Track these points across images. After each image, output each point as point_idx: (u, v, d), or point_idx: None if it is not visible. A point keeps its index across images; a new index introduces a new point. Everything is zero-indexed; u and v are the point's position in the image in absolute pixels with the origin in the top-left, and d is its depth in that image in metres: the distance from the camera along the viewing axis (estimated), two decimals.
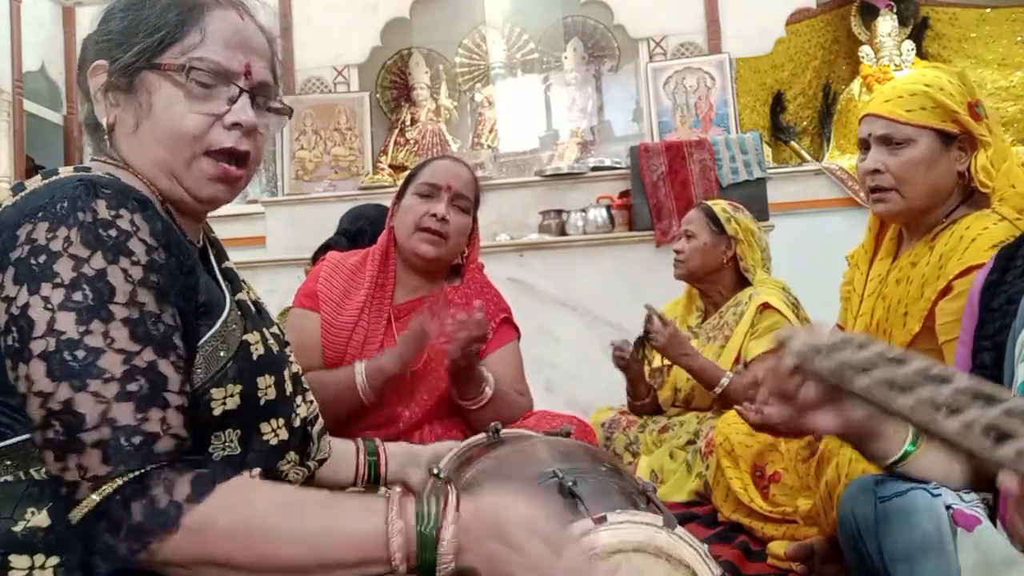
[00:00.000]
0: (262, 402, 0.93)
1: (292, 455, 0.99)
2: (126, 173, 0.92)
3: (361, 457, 1.29)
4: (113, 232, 0.82)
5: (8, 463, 0.82)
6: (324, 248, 2.74)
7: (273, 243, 4.27)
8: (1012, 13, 4.85)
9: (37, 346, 0.77)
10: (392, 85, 5.34)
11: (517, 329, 1.94)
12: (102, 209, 0.82)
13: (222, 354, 0.89)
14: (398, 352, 1.70)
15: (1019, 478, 0.59)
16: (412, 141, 5.08)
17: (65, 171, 0.89)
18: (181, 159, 0.93)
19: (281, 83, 1.04)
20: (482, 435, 1.31)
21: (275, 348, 0.99)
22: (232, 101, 0.94)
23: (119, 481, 0.76)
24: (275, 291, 3.81)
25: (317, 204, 4.24)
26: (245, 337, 0.93)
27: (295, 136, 4.62)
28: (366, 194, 4.13)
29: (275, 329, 1.04)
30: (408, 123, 5.15)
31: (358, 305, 1.82)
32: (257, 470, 0.95)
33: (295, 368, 1.05)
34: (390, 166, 4.93)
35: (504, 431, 1.32)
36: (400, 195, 1.90)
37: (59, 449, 0.77)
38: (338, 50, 4.71)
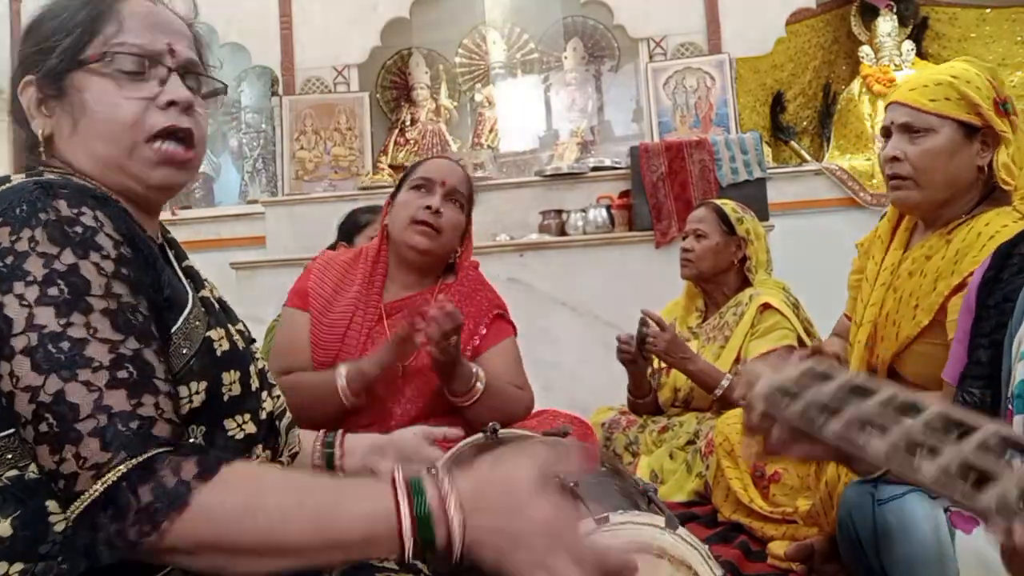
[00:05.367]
0: (226, 398, 0.92)
1: (261, 450, 0.98)
2: (77, 176, 0.92)
3: (317, 446, 1.27)
4: (79, 229, 0.82)
5: None
6: None
7: (273, 243, 4.27)
8: (1012, 13, 4.85)
9: (18, 342, 0.77)
10: (392, 85, 5.33)
11: (512, 324, 1.94)
12: (64, 208, 0.82)
13: (184, 351, 0.89)
14: (379, 357, 1.70)
15: (1003, 529, 0.57)
16: (412, 141, 5.08)
17: (18, 177, 0.89)
18: (123, 149, 0.92)
19: (207, 65, 1.04)
20: (480, 435, 1.31)
21: (240, 344, 0.99)
22: (163, 82, 0.94)
23: (123, 468, 0.75)
24: (275, 291, 3.81)
25: (317, 204, 4.23)
26: (208, 333, 0.93)
27: (295, 136, 4.62)
28: (366, 194, 4.12)
29: (240, 326, 1.05)
30: (408, 123, 5.15)
31: (349, 303, 1.82)
32: (268, 453, 0.97)
33: (261, 364, 1.05)
34: (390, 166, 4.93)
35: (503, 431, 1.32)
36: (394, 194, 1.91)
37: (54, 441, 0.76)
38: (338, 50, 4.70)
